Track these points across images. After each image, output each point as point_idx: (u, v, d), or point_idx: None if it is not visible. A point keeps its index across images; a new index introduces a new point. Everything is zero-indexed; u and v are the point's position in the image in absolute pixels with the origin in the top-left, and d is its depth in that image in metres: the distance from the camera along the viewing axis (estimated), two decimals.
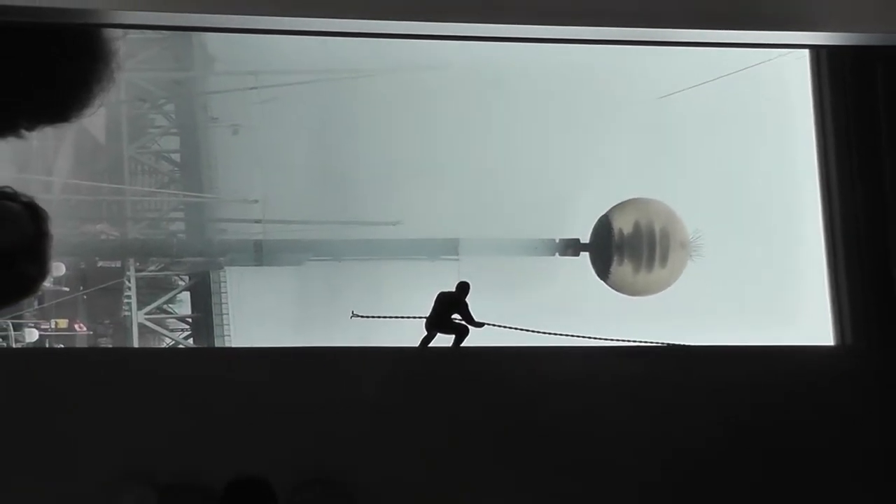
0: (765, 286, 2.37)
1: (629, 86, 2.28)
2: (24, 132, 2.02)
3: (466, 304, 2.35)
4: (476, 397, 2.26)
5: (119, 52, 2.05)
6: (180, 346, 2.48)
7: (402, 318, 2.26)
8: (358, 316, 2.32)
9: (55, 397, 2.14)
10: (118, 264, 2.48)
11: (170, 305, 2.53)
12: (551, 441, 2.22)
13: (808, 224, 2.40)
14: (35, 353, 2.23)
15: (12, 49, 1.99)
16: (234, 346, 2.54)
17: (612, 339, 2.37)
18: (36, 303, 2.12)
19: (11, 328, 2.09)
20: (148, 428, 2.14)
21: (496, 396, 2.26)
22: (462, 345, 2.34)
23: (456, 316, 2.35)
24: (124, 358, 2.52)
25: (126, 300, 2.43)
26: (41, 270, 2.13)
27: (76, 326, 2.32)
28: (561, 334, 2.29)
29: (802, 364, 2.34)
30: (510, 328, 2.28)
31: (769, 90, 2.26)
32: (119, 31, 2.06)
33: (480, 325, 2.33)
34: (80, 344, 2.33)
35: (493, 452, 2.20)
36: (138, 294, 2.48)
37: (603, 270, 2.46)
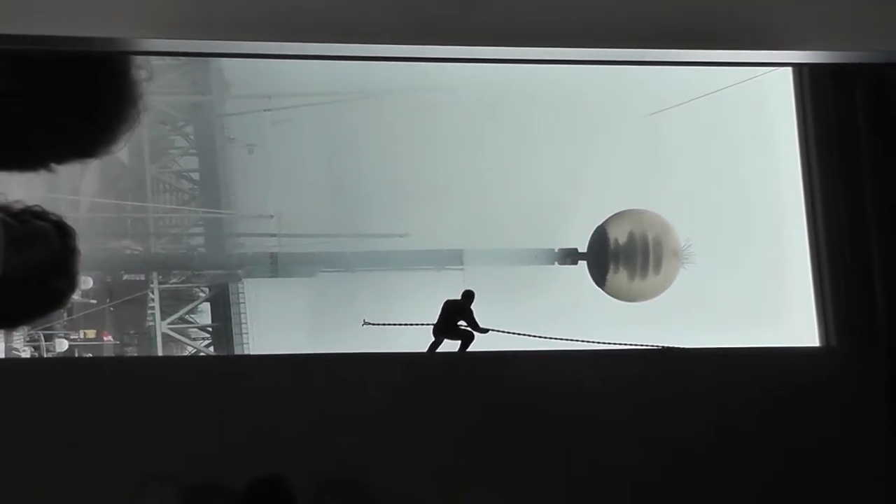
0: (753, 291, 2.39)
1: (621, 104, 2.31)
2: (53, 166, 2.04)
3: (471, 312, 2.37)
4: (482, 399, 2.27)
5: (145, 92, 2.08)
6: (202, 353, 2.50)
7: (411, 325, 2.28)
8: (369, 324, 2.34)
9: (84, 403, 2.16)
10: (142, 277, 2.50)
11: (191, 316, 2.55)
12: (553, 439, 2.24)
13: (793, 232, 2.41)
14: (65, 362, 2.25)
15: (43, 81, 2.01)
16: (252, 353, 2.56)
17: (609, 343, 2.38)
18: (65, 315, 2.14)
19: (43, 339, 2.11)
20: (172, 431, 2.15)
21: (501, 398, 2.27)
22: (468, 350, 2.36)
23: (462, 323, 2.36)
24: (149, 365, 2.53)
25: (150, 311, 2.45)
26: (70, 284, 2.15)
27: (103, 336, 2.34)
28: (561, 339, 2.31)
29: (790, 364, 2.36)
30: (513, 333, 2.30)
31: (754, 106, 2.28)
32: (144, 72, 2.08)
33: (485, 330, 2.35)
34: (108, 353, 2.34)
35: (498, 450, 2.21)
36: (161, 305, 2.50)
37: (600, 278, 2.47)
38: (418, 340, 2.36)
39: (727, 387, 2.33)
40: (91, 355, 2.41)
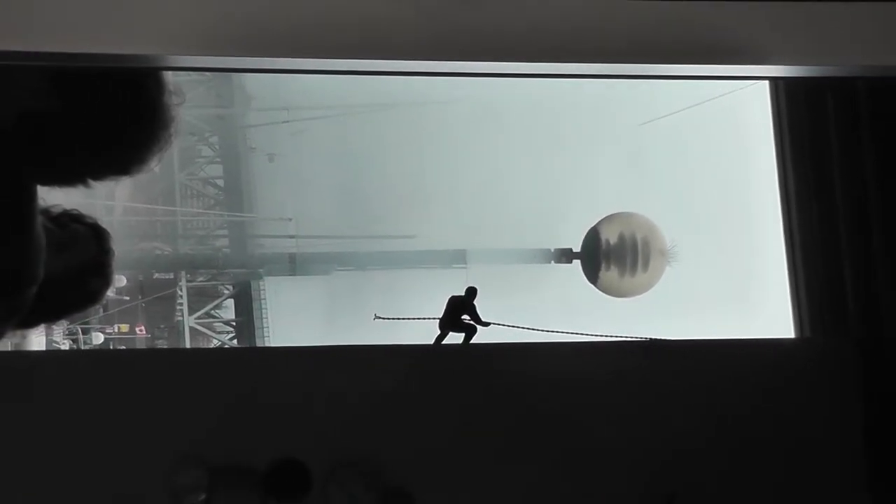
0: (734, 287, 2.39)
1: (613, 115, 2.30)
2: (91, 183, 2.05)
3: (474, 307, 2.37)
4: (484, 387, 2.28)
5: (177, 115, 2.09)
6: (226, 346, 2.49)
7: (419, 319, 2.28)
8: (380, 318, 2.34)
9: (120, 392, 2.17)
10: (171, 276, 2.49)
11: (216, 311, 2.54)
12: (549, 424, 2.24)
13: (770, 233, 2.43)
14: (101, 354, 2.26)
15: (80, 100, 2.01)
16: (272, 345, 2.54)
17: (600, 336, 2.39)
18: (101, 310, 2.13)
19: (80, 332, 2.11)
20: (201, 418, 2.17)
21: (501, 386, 2.28)
22: (471, 342, 2.36)
23: (465, 317, 2.37)
24: (178, 357, 2.55)
25: (178, 307, 2.43)
26: (105, 282, 2.16)
27: (136, 330, 2.33)
28: (556, 331, 2.31)
29: (767, 353, 2.37)
30: (512, 326, 2.29)
31: (735, 116, 2.29)
32: (177, 97, 2.09)
33: (487, 324, 2.35)
34: (140, 345, 2.34)
35: (497, 431, 2.23)
36: (189, 301, 2.49)
37: (592, 276, 2.46)
38: (425, 333, 2.37)
39: (710, 375, 2.34)
40: (125, 347, 2.42)
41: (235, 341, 2.52)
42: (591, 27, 2.10)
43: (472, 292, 2.43)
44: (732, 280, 2.40)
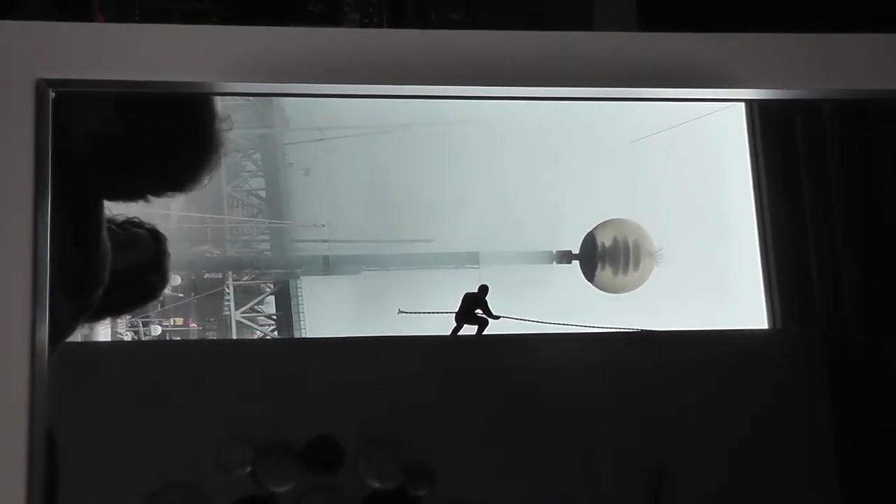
0: (713, 284, 2.39)
1: (607, 133, 2.30)
2: (150, 198, 2.06)
3: (486, 302, 2.37)
4: (495, 373, 2.28)
5: (226, 140, 2.10)
6: (268, 337, 2.49)
7: (437, 313, 2.28)
8: (403, 312, 2.34)
9: (175, 377, 2.18)
10: (220, 275, 2.50)
11: (259, 306, 2.55)
12: (552, 405, 2.24)
13: (745, 237, 2.43)
14: (159, 344, 2.27)
15: (140, 124, 2.03)
16: (308, 336, 2.55)
17: (597, 327, 2.39)
18: (159, 306, 2.14)
19: (141, 325, 2.12)
20: (246, 401, 2.17)
21: (511, 372, 2.28)
22: (484, 333, 2.37)
23: (478, 311, 2.37)
24: (227, 347, 2.55)
25: (226, 302, 2.45)
26: (162, 281, 2.17)
27: (189, 323, 2.34)
28: (558, 324, 2.32)
29: (743, 342, 2.37)
30: (520, 319, 2.31)
31: (715, 134, 2.28)
32: (226, 123, 2.10)
33: (497, 317, 2.35)
34: (192, 337, 2.35)
35: (507, 414, 2.22)
36: (235, 298, 2.50)
37: (589, 274, 2.46)
38: (443, 325, 2.36)
39: (693, 361, 2.34)
40: (179, 338, 2.43)
41: (276, 333, 2.51)
42: (585, 56, 2.11)
43: (484, 289, 2.43)
44: (712, 278, 2.40)
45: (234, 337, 2.63)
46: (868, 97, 2.20)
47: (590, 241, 2.69)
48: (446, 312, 2.38)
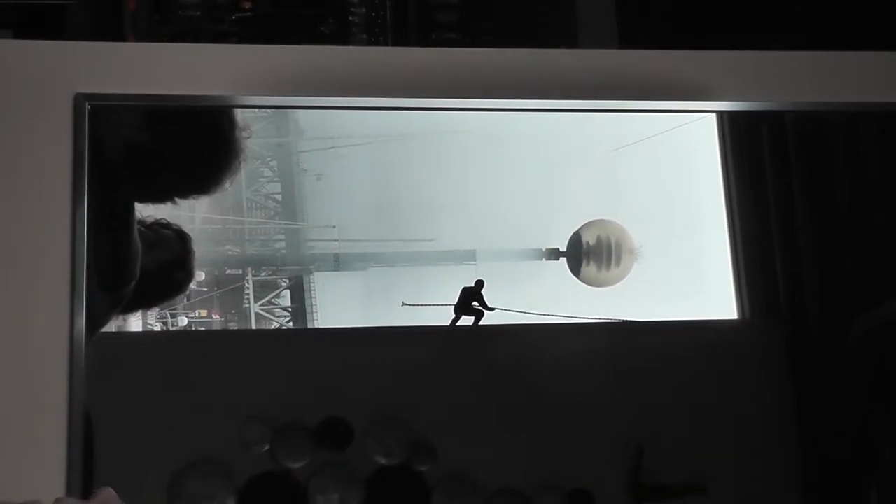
0: (687, 279, 2.39)
1: (591, 141, 2.30)
2: (177, 201, 2.06)
3: (482, 295, 2.37)
4: (490, 359, 2.28)
5: (245, 147, 2.10)
6: (284, 327, 2.49)
7: (437, 305, 2.29)
8: (407, 305, 2.34)
9: (200, 364, 2.18)
10: (240, 272, 2.50)
11: (276, 299, 2.54)
12: (542, 388, 2.24)
13: (717, 236, 2.43)
14: (185, 334, 2.28)
15: (168, 134, 2.03)
16: (320, 326, 2.55)
17: (582, 318, 2.40)
18: (185, 299, 2.14)
19: (169, 316, 2.12)
20: (264, 385, 2.16)
21: (504, 358, 2.28)
22: (480, 323, 2.36)
23: (475, 303, 2.37)
24: (247, 336, 2.55)
25: (246, 296, 2.44)
26: (188, 277, 2.17)
27: (213, 315, 2.33)
28: (547, 314, 2.32)
29: (714, 331, 2.38)
30: (512, 311, 2.31)
31: (689, 142, 2.29)
32: (245, 132, 2.10)
33: (492, 309, 2.35)
34: (216, 327, 2.34)
35: (501, 396, 2.22)
36: (254, 292, 2.49)
37: (575, 270, 2.46)
38: (443, 316, 2.37)
39: (669, 348, 2.34)
40: (204, 329, 2.44)
41: (291, 324, 2.51)
42: (571, 71, 2.12)
43: (480, 284, 2.43)
44: (687, 273, 2.41)
45: (254, 327, 2.63)
46: (825, 109, 2.21)
47: (576, 239, 2.70)
48: (446, 305, 2.38)
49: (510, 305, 2.40)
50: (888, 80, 2.10)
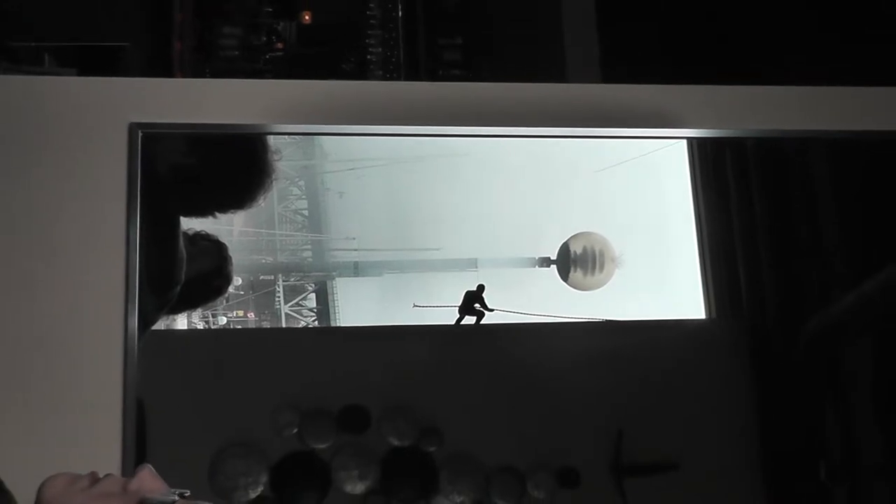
0: (661, 283, 2.40)
1: (578, 164, 2.31)
2: (217, 215, 2.06)
3: (483, 298, 2.37)
4: (490, 355, 2.28)
5: (276, 167, 2.10)
6: (310, 326, 2.49)
7: (444, 306, 2.29)
8: (417, 306, 2.34)
9: (237, 358, 2.18)
10: (272, 277, 2.51)
11: (303, 301, 2.55)
12: (534, 380, 2.23)
13: (687, 246, 2.44)
14: (225, 331, 2.29)
15: (209, 157, 2.03)
16: (342, 325, 2.55)
17: (570, 317, 2.40)
18: (224, 301, 2.15)
19: (210, 316, 2.13)
20: (293, 376, 2.16)
21: (502, 354, 2.28)
22: (481, 323, 2.36)
23: (477, 305, 2.37)
24: (277, 333, 2.56)
25: (277, 299, 2.45)
26: (226, 282, 2.17)
27: (248, 315, 2.34)
28: (540, 314, 2.33)
29: (685, 329, 2.37)
30: (509, 311, 2.31)
31: (664, 164, 2.29)
32: (275, 144, 2.11)
33: (492, 310, 2.35)
34: (251, 325, 2.35)
35: (498, 388, 2.22)
36: (284, 295, 2.50)
37: (564, 276, 2.46)
38: (449, 317, 2.37)
39: (646, 344, 2.33)
40: (240, 327, 2.44)
41: (316, 322, 2.51)
42: (560, 102, 2.12)
43: (481, 288, 2.43)
44: (661, 278, 2.41)
45: (284, 325, 2.64)
46: (780, 136, 2.21)
47: (564, 249, 2.70)
48: (451, 306, 2.38)
49: (508, 307, 2.40)
50: (835, 111, 2.10)
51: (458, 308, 2.40)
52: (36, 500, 0.90)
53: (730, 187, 2.38)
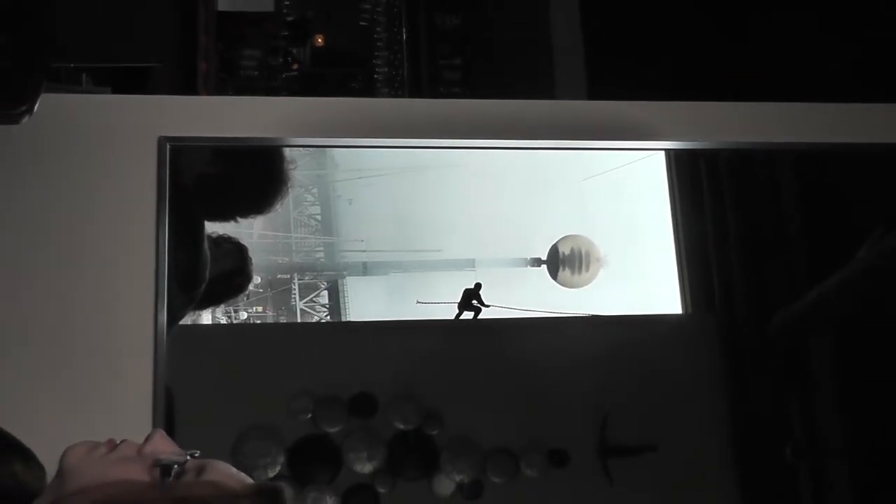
0: (643, 281, 2.39)
1: (566, 173, 2.31)
2: (238, 220, 2.06)
3: (480, 295, 2.38)
4: (486, 347, 2.28)
5: (292, 175, 2.11)
6: (323, 320, 2.49)
7: (445, 303, 2.30)
8: (420, 303, 2.33)
9: (257, 349, 2.17)
10: (288, 276, 2.51)
11: (316, 298, 2.54)
12: (527, 369, 2.23)
13: (666, 247, 2.44)
14: (245, 326, 2.29)
15: (231, 167, 2.03)
16: (352, 320, 2.55)
17: (559, 312, 2.40)
18: (245, 298, 2.14)
19: (233, 312, 2.13)
20: (308, 366, 2.15)
21: (498, 346, 2.28)
22: (478, 317, 2.36)
23: (474, 301, 2.37)
24: (293, 327, 2.56)
25: (293, 296, 2.45)
26: (247, 281, 2.17)
27: (267, 311, 2.33)
28: (532, 310, 2.33)
29: (663, 323, 2.37)
30: (504, 307, 2.32)
31: (643, 173, 2.29)
32: (291, 155, 2.11)
33: (488, 306, 2.35)
34: (269, 320, 2.34)
35: (494, 376, 2.21)
36: (299, 292, 2.50)
37: (553, 275, 2.46)
38: (449, 312, 2.37)
39: (628, 336, 2.33)
40: (260, 322, 2.45)
41: (328, 317, 2.51)
42: (551, 117, 2.13)
43: (478, 286, 2.43)
44: (642, 276, 2.41)
45: (299, 320, 2.64)
46: (750, 147, 2.22)
47: (554, 250, 2.70)
48: (451, 303, 2.38)
49: (502, 303, 2.41)
50: (798, 125, 2.11)
51: (457, 304, 2.40)
52: (58, 468, 0.91)
53: (703, 194, 2.39)
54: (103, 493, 0.85)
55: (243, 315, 2.44)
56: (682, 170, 2.37)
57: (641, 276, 2.59)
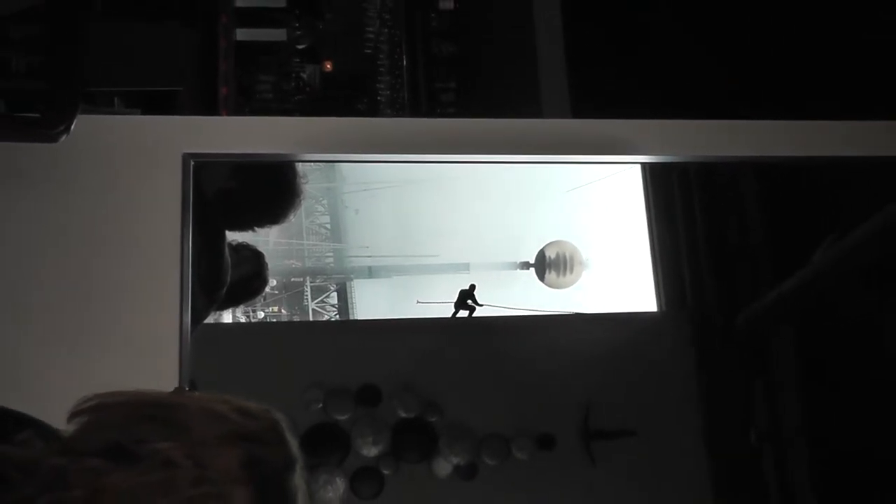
0: (622, 282, 2.40)
1: (552, 184, 2.31)
2: (256, 229, 2.06)
3: (474, 295, 2.39)
4: (480, 342, 2.29)
5: (304, 189, 2.10)
6: (333, 319, 2.49)
7: (442, 303, 2.30)
8: (420, 302, 2.33)
9: (273, 345, 2.18)
10: (301, 279, 2.51)
11: (326, 299, 2.55)
12: (517, 362, 2.24)
13: (642, 251, 2.46)
14: (262, 324, 2.30)
15: (249, 181, 2.04)
16: (358, 318, 2.54)
17: (546, 311, 2.41)
18: (262, 300, 2.14)
19: (251, 312, 2.13)
20: (319, 360, 2.17)
21: (490, 341, 2.29)
22: (472, 316, 2.37)
23: (469, 301, 2.38)
24: (306, 326, 2.56)
25: (305, 297, 2.45)
26: (264, 284, 2.17)
27: (282, 310, 2.33)
28: (521, 309, 2.34)
29: (640, 320, 2.38)
30: (496, 306, 2.32)
31: (622, 185, 2.30)
32: (303, 170, 2.11)
33: (482, 305, 2.36)
34: (284, 319, 2.34)
35: (487, 368, 2.22)
36: (311, 294, 2.50)
37: (541, 277, 2.46)
38: (446, 311, 2.38)
39: (608, 332, 2.34)
40: (276, 320, 2.46)
41: (338, 316, 2.51)
42: (537, 134, 2.13)
43: (473, 287, 2.44)
44: (621, 278, 2.42)
45: (311, 319, 2.65)
46: (717, 161, 2.22)
47: (541, 254, 2.71)
48: (448, 302, 2.39)
49: (495, 303, 2.41)
50: (762, 141, 2.11)
51: (454, 304, 2.41)
52: None
53: (676, 204, 2.40)
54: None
55: (261, 314, 2.45)
56: (657, 181, 2.39)
57: (620, 277, 2.60)
